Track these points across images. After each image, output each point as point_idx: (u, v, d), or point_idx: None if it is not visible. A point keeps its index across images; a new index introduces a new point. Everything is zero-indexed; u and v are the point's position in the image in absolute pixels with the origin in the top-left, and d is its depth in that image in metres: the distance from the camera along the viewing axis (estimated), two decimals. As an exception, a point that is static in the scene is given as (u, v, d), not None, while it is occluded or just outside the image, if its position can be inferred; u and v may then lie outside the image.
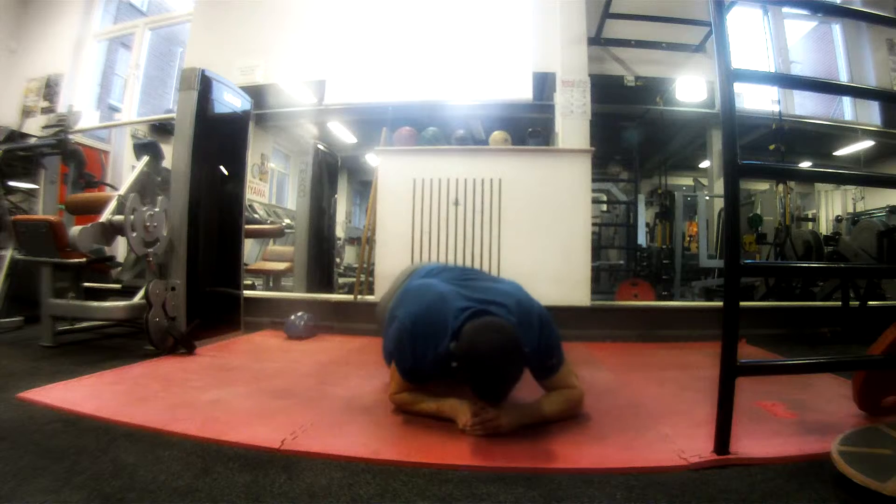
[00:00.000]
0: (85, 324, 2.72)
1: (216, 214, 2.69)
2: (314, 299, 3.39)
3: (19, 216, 3.02)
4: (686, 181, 8.76)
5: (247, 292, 3.09)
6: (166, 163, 2.77)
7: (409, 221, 3.06)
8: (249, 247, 5.59)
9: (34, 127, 4.30)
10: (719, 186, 4.66)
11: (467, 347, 1.22)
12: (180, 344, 2.27)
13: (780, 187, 4.58)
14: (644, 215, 7.79)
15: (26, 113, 4.56)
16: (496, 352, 1.19)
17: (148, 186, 2.69)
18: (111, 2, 5.35)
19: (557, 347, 1.41)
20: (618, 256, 6.15)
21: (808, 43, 7.22)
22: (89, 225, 2.22)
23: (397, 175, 3.13)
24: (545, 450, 1.24)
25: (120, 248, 3.75)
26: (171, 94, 8.86)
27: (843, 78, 4.52)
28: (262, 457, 1.17)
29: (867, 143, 5.15)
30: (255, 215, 5.80)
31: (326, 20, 3.91)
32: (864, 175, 2.52)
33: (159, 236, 2.33)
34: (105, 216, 2.28)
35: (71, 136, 3.80)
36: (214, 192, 2.67)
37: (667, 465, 1.16)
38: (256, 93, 3.75)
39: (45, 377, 1.79)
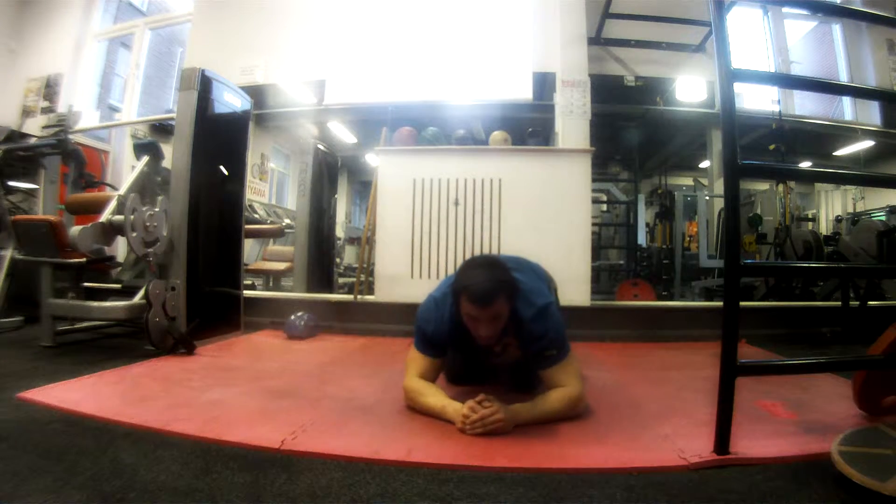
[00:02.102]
0: (85, 324, 2.72)
1: (216, 214, 2.69)
2: (314, 299, 3.39)
3: (19, 216, 3.02)
4: (686, 181, 8.75)
5: (247, 292, 3.09)
6: (166, 163, 2.77)
7: (409, 221, 3.06)
8: (249, 247, 5.59)
9: (34, 127, 4.31)
10: (719, 186, 4.65)
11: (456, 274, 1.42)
12: (180, 344, 2.27)
13: (780, 187, 4.58)
14: (644, 215, 7.79)
15: (26, 113, 4.56)
16: (477, 259, 1.52)
17: (148, 186, 2.69)
18: (111, 2, 5.37)
19: (560, 337, 1.44)
20: (618, 256, 6.15)
21: (808, 43, 7.23)
22: (89, 225, 2.22)
23: (397, 175, 3.13)
24: (545, 450, 1.24)
25: (120, 248, 3.75)
26: (171, 94, 8.87)
27: (843, 78, 4.52)
28: (262, 457, 1.17)
29: (867, 143, 5.15)
30: (255, 215, 5.79)
31: (326, 20, 3.91)
32: (864, 175, 2.51)
33: (159, 236, 2.33)
34: (105, 216, 2.28)
35: (71, 136, 3.80)
36: (214, 192, 2.67)
37: (667, 465, 1.16)
38: (256, 93, 3.75)
39: (45, 377, 1.79)
